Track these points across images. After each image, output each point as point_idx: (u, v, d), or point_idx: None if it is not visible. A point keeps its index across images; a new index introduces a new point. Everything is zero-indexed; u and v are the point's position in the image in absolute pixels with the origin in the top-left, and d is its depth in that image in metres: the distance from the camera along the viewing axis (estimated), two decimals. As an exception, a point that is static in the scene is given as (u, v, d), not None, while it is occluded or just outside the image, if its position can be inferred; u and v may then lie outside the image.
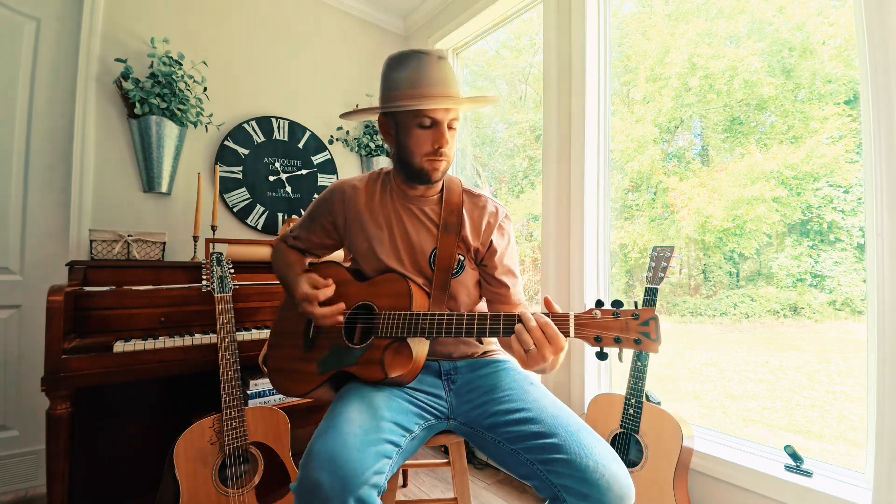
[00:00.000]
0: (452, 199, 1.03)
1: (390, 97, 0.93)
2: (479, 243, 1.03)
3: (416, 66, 0.91)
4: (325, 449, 0.75)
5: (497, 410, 0.94)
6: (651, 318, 0.69)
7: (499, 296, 1.05)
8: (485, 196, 1.07)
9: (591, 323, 0.72)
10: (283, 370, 1.06)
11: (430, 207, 1.04)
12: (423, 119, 0.91)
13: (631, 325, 0.70)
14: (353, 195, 1.06)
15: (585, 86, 1.79)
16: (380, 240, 1.02)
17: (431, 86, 0.90)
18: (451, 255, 1.00)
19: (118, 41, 1.88)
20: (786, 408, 1.72)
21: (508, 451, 0.90)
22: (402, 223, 1.03)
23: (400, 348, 0.94)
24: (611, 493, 0.77)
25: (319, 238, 1.14)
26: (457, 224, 1.01)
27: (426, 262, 1.01)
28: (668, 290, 2.19)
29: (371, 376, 0.91)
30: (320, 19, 2.53)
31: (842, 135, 1.59)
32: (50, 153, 1.80)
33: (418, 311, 0.90)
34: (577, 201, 1.78)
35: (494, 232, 1.03)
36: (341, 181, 1.10)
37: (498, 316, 0.81)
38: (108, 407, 1.54)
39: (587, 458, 0.79)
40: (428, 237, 1.02)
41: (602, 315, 0.72)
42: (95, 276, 1.48)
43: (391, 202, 1.05)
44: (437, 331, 0.86)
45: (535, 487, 0.87)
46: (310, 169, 2.40)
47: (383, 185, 1.07)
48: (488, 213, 1.04)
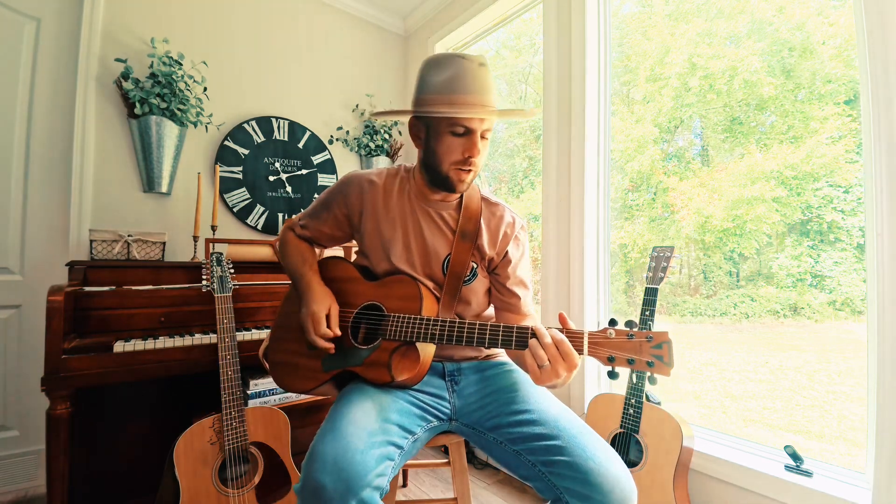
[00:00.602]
0: (472, 207, 1.02)
1: (425, 100, 0.90)
2: (495, 253, 1.02)
3: (456, 71, 0.88)
4: (328, 451, 0.75)
5: (500, 412, 0.94)
6: (665, 342, 0.69)
7: (509, 305, 1.05)
8: (502, 205, 1.06)
9: (605, 342, 0.72)
10: (285, 364, 1.05)
11: (449, 213, 1.02)
12: (457, 127, 0.89)
13: (644, 348, 0.70)
14: (371, 190, 1.03)
15: (585, 86, 1.79)
16: (393, 240, 1.01)
17: (470, 93, 0.87)
18: (465, 262, 0.99)
19: (118, 41, 1.88)
20: (786, 408, 1.72)
21: (511, 452, 0.90)
22: (419, 225, 1.01)
23: (407, 352, 0.93)
24: (613, 495, 0.77)
25: (330, 229, 1.11)
26: (474, 232, 1.00)
27: (439, 266, 1.01)
28: (668, 290, 2.19)
29: (377, 378, 0.91)
30: (320, 19, 2.53)
31: (842, 135, 1.59)
32: (50, 153, 1.80)
33: (428, 316, 0.89)
34: (577, 201, 1.78)
35: (511, 243, 1.03)
36: (358, 173, 1.06)
37: (511, 329, 0.80)
38: (108, 407, 1.54)
39: (590, 461, 0.79)
40: (443, 242, 1.01)
41: (616, 335, 0.72)
42: (95, 276, 1.48)
43: (409, 202, 1.03)
44: (448, 338, 0.85)
45: (537, 489, 0.87)
46: (310, 169, 2.40)
47: (402, 183, 1.05)
48: (506, 223, 1.03)
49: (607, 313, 1.78)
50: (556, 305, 1.84)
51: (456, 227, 1.01)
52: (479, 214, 1.02)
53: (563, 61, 1.88)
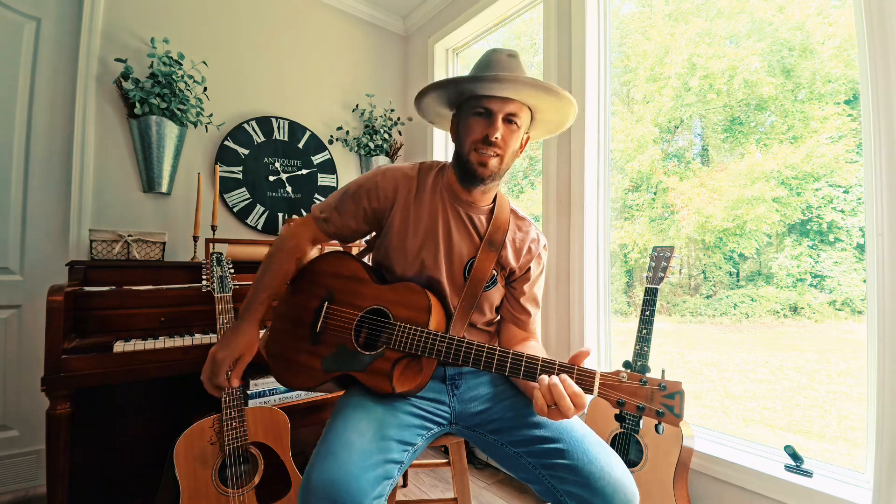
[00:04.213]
0: (501, 217, 1.02)
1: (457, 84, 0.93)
2: (517, 266, 1.02)
3: (487, 59, 0.94)
4: (324, 478, 0.73)
5: (501, 416, 0.94)
6: (677, 393, 0.67)
7: (517, 320, 1.04)
8: (529, 221, 1.07)
9: (616, 386, 0.71)
10: (285, 359, 1.01)
11: (479, 217, 1.01)
12: (479, 107, 0.90)
13: (656, 396, 0.68)
14: (407, 185, 1.01)
15: (585, 86, 1.79)
16: (420, 236, 0.99)
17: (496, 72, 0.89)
18: (487, 269, 0.98)
19: (118, 41, 1.88)
20: (786, 408, 1.72)
21: (512, 455, 0.89)
22: (448, 224, 1.00)
23: (410, 364, 0.91)
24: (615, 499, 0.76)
25: (356, 224, 1.04)
26: (500, 242, 0.99)
27: (461, 269, 1.00)
28: (668, 290, 2.19)
29: (377, 387, 0.88)
30: (320, 19, 2.53)
31: (842, 135, 1.59)
32: (50, 153, 1.80)
33: (436, 330, 0.88)
34: (577, 201, 1.78)
35: (534, 259, 1.03)
36: (392, 167, 1.03)
37: (520, 358, 0.78)
38: (108, 407, 1.54)
39: (591, 465, 0.79)
40: (469, 245, 1.00)
41: (629, 379, 0.71)
42: (95, 276, 1.48)
43: (440, 200, 1.00)
44: (454, 356, 0.83)
45: (538, 492, 0.86)
46: (310, 169, 2.40)
47: (435, 179, 1.03)
48: (531, 238, 1.04)
49: (607, 313, 1.78)
50: (556, 306, 1.84)
51: (484, 234, 1.00)
52: (507, 225, 1.01)
53: (563, 61, 1.88)
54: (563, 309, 1.82)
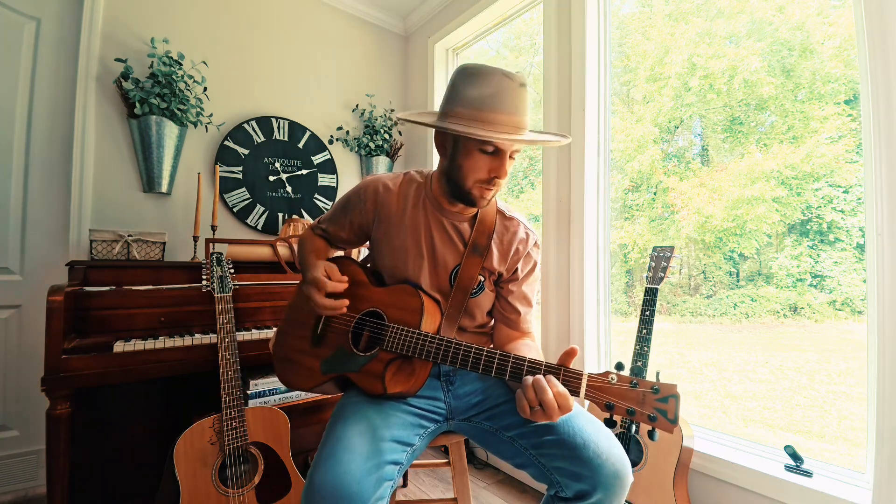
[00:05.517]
0: (486, 221, 1.00)
1: (458, 113, 0.85)
2: (504, 269, 1.01)
3: (496, 89, 0.82)
4: (326, 482, 0.74)
5: (495, 404, 0.96)
6: (671, 396, 0.63)
7: (507, 320, 1.04)
8: (517, 219, 1.04)
9: (604, 388, 0.67)
10: (288, 360, 1.05)
11: (462, 225, 1.01)
12: (487, 145, 0.85)
13: (648, 400, 0.64)
14: (386, 196, 1.02)
15: (585, 86, 1.79)
16: (404, 247, 1.00)
17: (507, 114, 0.83)
18: (473, 275, 0.98)
19: (118, 41, 1.88)
20: (786, 408, 1.72)
21: (506, 440, 0.90)
22: (430, 234, 1.00)
23: (403, 365, 0.92)
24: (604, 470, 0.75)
25: (347, 234, 1.10)
26: (485, 247, 0.98)
27: (447, 277, 1.00)
28: (668, 290, 2.19)
29: (370, 388, 0.89)
30: (320, 19, 2.53)
31: (842, 135, 1.59)
32: (50, 153, 1.80)
33: (427, 332, 0.88)
34: (577, 201, 1.78)
35: (521, 259, 1.02)
36: (374, 178, 1.05)
37: (507, 359, 0.77)
38: (108, 407, 1.54)
39: (577, 436, 0.78)
40: (453, 253, 1.00)
41: (618, 381, 0.67)
42: (95, 276, 1.48)
43: (423, 211, 1.01)
44: (443, 357, 0.84)
45: (533, 476, 0.87)
46: (310, 169, 2.40)
47: (418, 190, 1.02)
48: (518, 238, 1.02)
49: (607, 313, 1.78)
50: (556, 306, 1.84)
51: (468, 240, 0.99)
52: (492, 229, 1.00)
53: (563, 61, 1.88)
54: (563, 309, 1.82)
